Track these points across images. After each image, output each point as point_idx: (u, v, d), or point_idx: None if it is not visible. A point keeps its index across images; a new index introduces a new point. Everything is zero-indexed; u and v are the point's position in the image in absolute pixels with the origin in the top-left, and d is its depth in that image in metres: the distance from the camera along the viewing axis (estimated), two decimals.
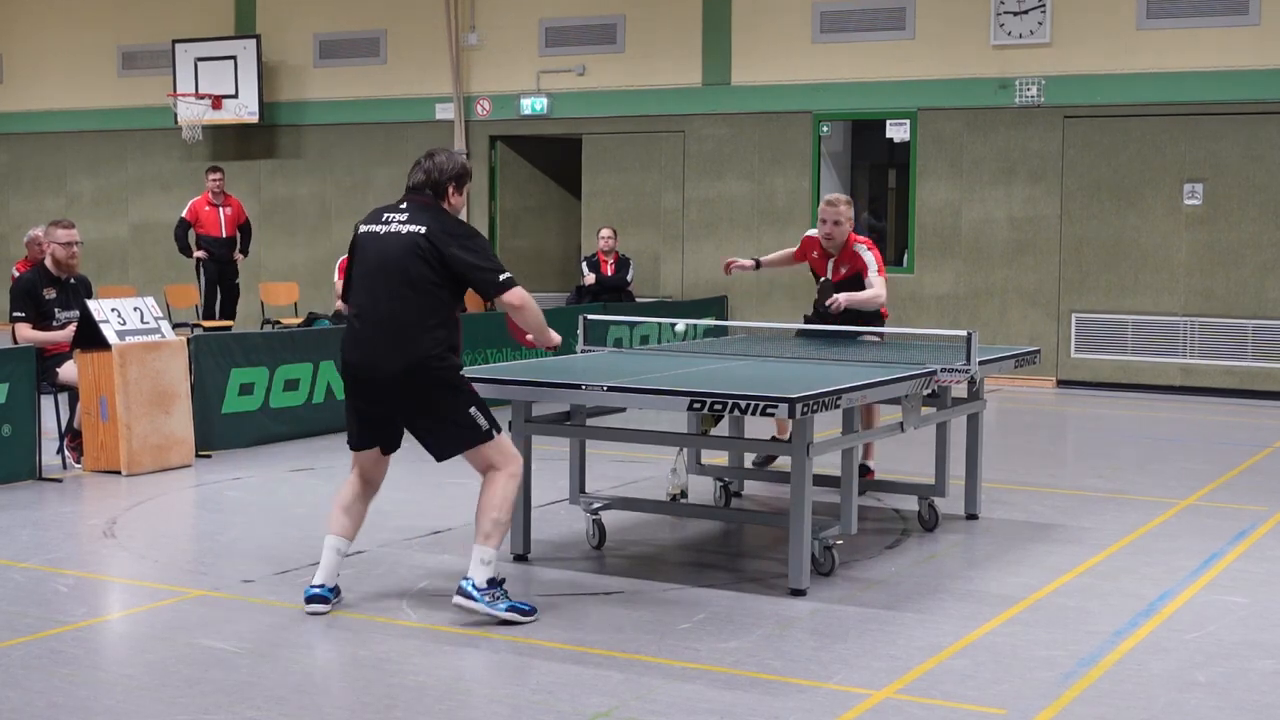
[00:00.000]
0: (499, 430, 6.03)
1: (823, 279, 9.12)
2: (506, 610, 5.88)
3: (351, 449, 6.21)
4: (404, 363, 5.84)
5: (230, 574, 6.78)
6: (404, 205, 6.07)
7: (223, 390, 10.27)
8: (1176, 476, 9.80)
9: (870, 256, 9.01)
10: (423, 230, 5.90)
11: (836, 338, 8.81)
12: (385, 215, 6.07)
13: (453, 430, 5.95)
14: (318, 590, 6.07)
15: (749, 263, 9.37)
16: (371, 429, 6.13)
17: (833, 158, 16.75)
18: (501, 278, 5.89)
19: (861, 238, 9.14)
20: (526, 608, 5.95)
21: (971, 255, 15.62)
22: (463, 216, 6.09)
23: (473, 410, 5.95)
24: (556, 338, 6.24)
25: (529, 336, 6.19)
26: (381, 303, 5.91)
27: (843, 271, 9.11)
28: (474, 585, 5.87)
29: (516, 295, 5.94)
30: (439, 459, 6.07)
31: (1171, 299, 14.78)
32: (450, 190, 6.08)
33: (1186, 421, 12.97)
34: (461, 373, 6.04)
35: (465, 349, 14.20)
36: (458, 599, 5.90)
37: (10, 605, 6.17)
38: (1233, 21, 14.41)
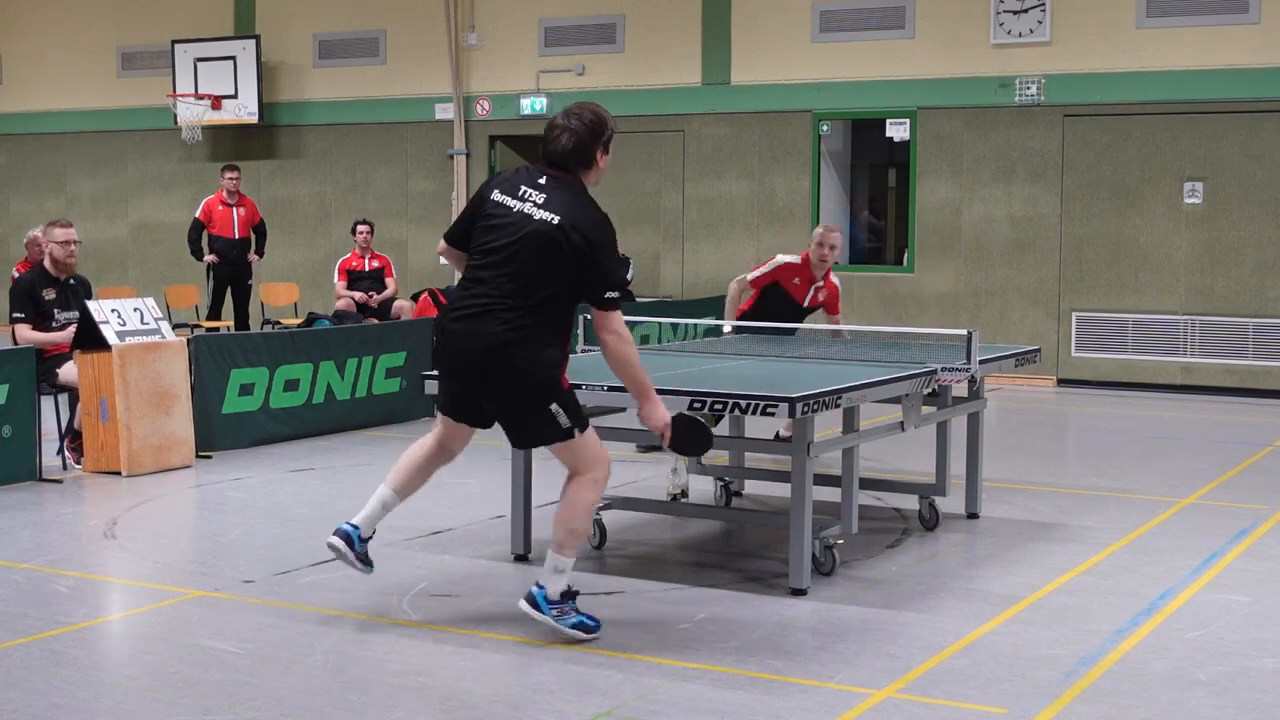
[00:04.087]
0: (584, 429, 5.64)
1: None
2: (573, 626, 5.62)
3: (440, 412, 5.91)
4: (488, 347, 5.47)
5: (230, 574, 6.77)
6: (542, 179, 5.55)
7: (223, 391, 10.27)
8: (1177, 475, 9.79)
9: (840, 287, 10.09)
10: (555, 220, 5.43)
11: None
12: (521, 189, 5.54)
13: (529, 424, 5.62)
14: (349, 528, 5.92)
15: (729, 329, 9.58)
16: (463, 404, 5.80)
17: (833, 157, 16.75)
18: (607, 296, 5.50)
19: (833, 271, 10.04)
20: (594, 624, 5.67)
21: (971, 254, 15.62)
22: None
23: (554, 408, 5.54)
24: (664, 416, 5.73)
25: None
26: (488, 283, 5.49)
27: (820, 298, 9.96)
28: (545, 597, 5.61)
29: (607, 319, 5.50)
30: (516, 446, 6.15)
31: (1172, 298, 14.78)
32: (599, 155, 5.59)
33: (1187, 420, 12.96)
34: (554, 369, 5.57)
35: None
36: (525, 605, 5.65)
37: (11, 606, 6.17)
38: (1232, 20, 14.41)
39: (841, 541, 6.88)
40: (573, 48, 17.50)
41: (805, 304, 9.88)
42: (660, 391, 6.36)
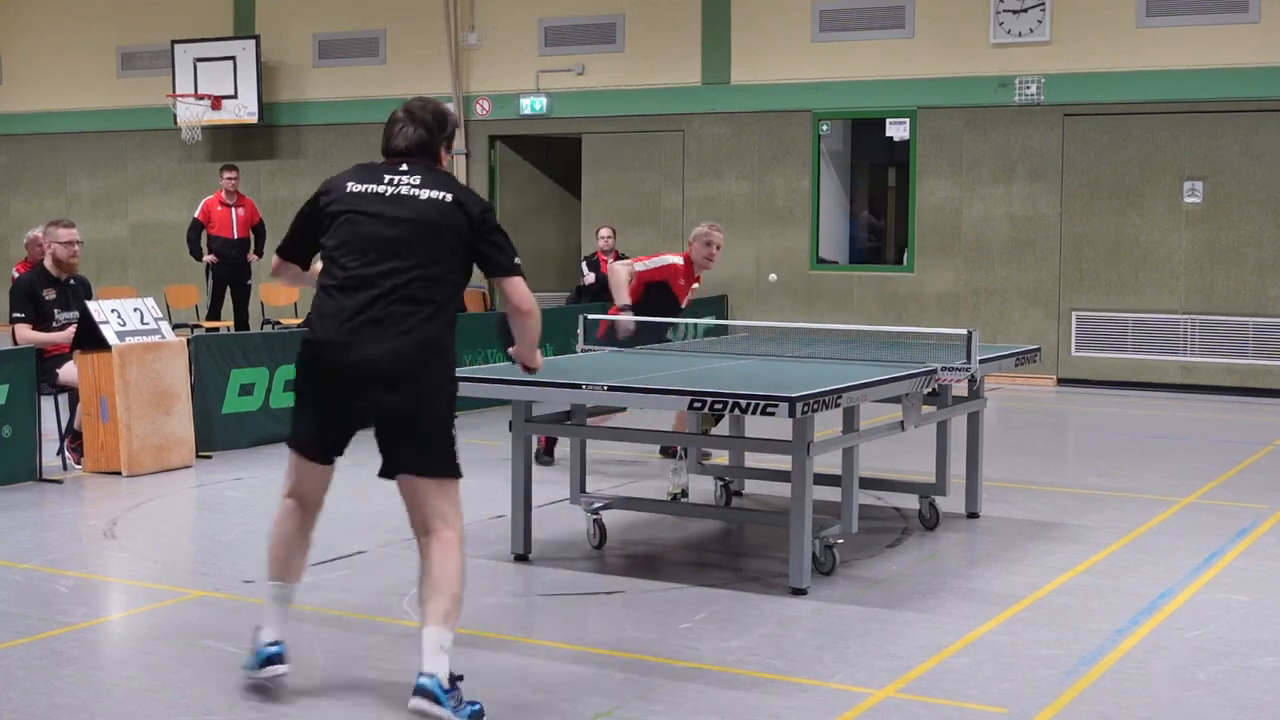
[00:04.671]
0: (460, 476, 4.98)
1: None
2: (469, 718, 4.70)
3: (301, 457, 5.13)
4: (400, 348, 4.80)
5: (230, 574, 6.77)
6: (405, 167, 4.98)
7: (223, 391, 10.27)
8: (1177, 474, 9.79)
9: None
10: (449, 198, 4.89)
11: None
12: (385, 176, 4.96)
13: (418, 446, 4.91)
14: (273, 649, 5.01)
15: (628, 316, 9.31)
16: (337, 428, 5.04)
17: (832, 156, 16.75)
18: (516, 260, 5.00)
19: None
20: (481, 711, 4.76)
21: (971, 254, 15.62)
22: None
23: (455, 432, 4.98)
24: (539, 361, 5.38)
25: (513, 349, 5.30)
26: (381, 278, 4.81)
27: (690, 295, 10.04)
28: (439, 684, 4.66)
29: (518, 285, 4.99)
30: (386, 474, 4.96)
31: (1171, 297, 14.78)
32: (443, 151, 5.11)
33: (1187, 419, 12.96)
34: (455, 381, 5.09)
35: (465, 348, 14.27)
36: (422, 704, 4.63)
37: (11, 606, 6.17)
38: (1232, 19, 14.41)
39: (841, 541, 6.88)
40: (572, 47, 17.50)
41: (683, 303, 9.81)
42: (661, 391, 6.37)
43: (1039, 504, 8.67)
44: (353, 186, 5.00)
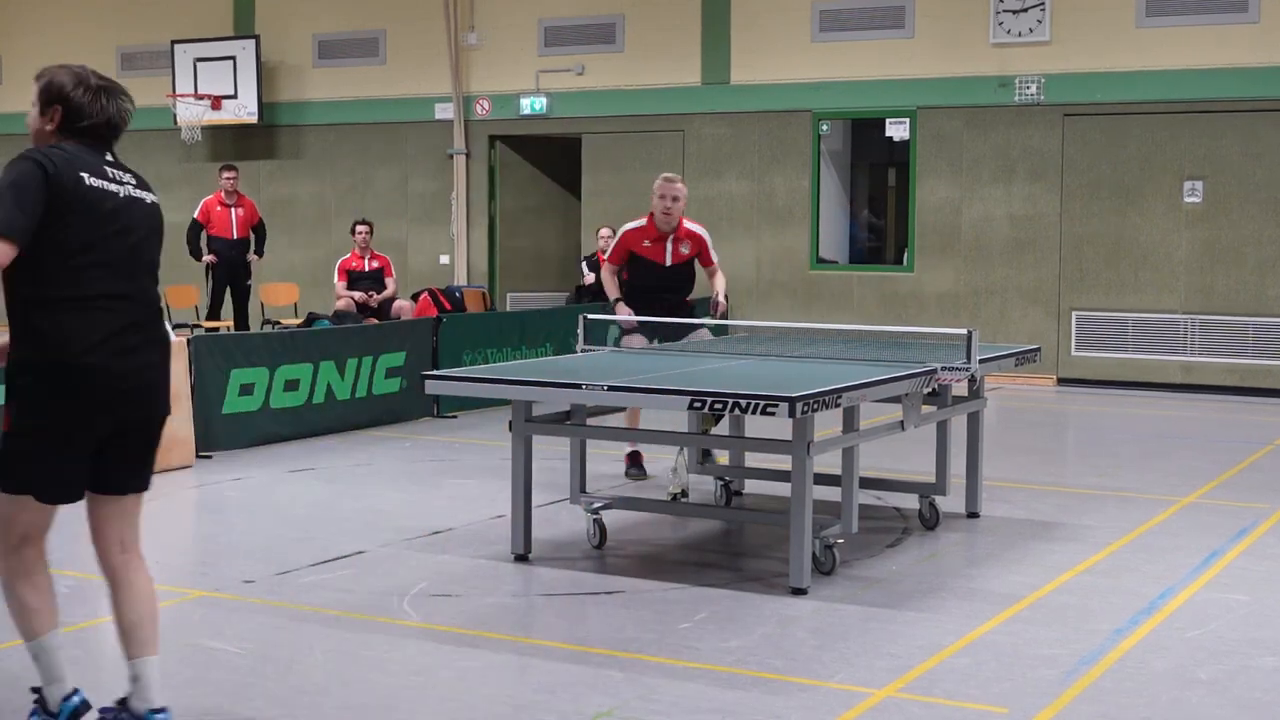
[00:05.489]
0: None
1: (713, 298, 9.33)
2: None
3: (61, 502, 4.38)
4: (162, 360, 4.43)
5: (230, 574, 6.77)
6: (111, 158, 4.40)
7: (223, 390, 10.27)
8: (1177, 474, 9.79)
9: (707, 234, 9.50)
10: (153, 199, 4.46)
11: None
12: (110, 171, 4.33)
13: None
14: (77, 698, 4.55)
15: (624, 309, 9.13)
16: (89, 468, 4.38)
17: (832, 157, 16.75)
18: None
19: (689, 219, 9.44)
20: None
21: (971, 254, 15.62)
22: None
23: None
24: None
25: None
26: (137, 295, 4.32)
27: (684, 252, 9.36)
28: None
29: None
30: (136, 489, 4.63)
31: (1172, 297, 14.77)
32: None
33: (1187, 419, 12.96)
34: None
35: (465, 348, 14.26)
36: None
37: None
38: (1232, 19, 14.41)
39: (841, 541, 6.88)
40: (572, 47, 17.49)
41: (668, 263, 9.27)
42: (661, 391, 6.37)
43: (1039, 504, 8.67)
44: (88, 180, 4.28)
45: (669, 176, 9.29)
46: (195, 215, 16.27)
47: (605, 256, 9.55)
